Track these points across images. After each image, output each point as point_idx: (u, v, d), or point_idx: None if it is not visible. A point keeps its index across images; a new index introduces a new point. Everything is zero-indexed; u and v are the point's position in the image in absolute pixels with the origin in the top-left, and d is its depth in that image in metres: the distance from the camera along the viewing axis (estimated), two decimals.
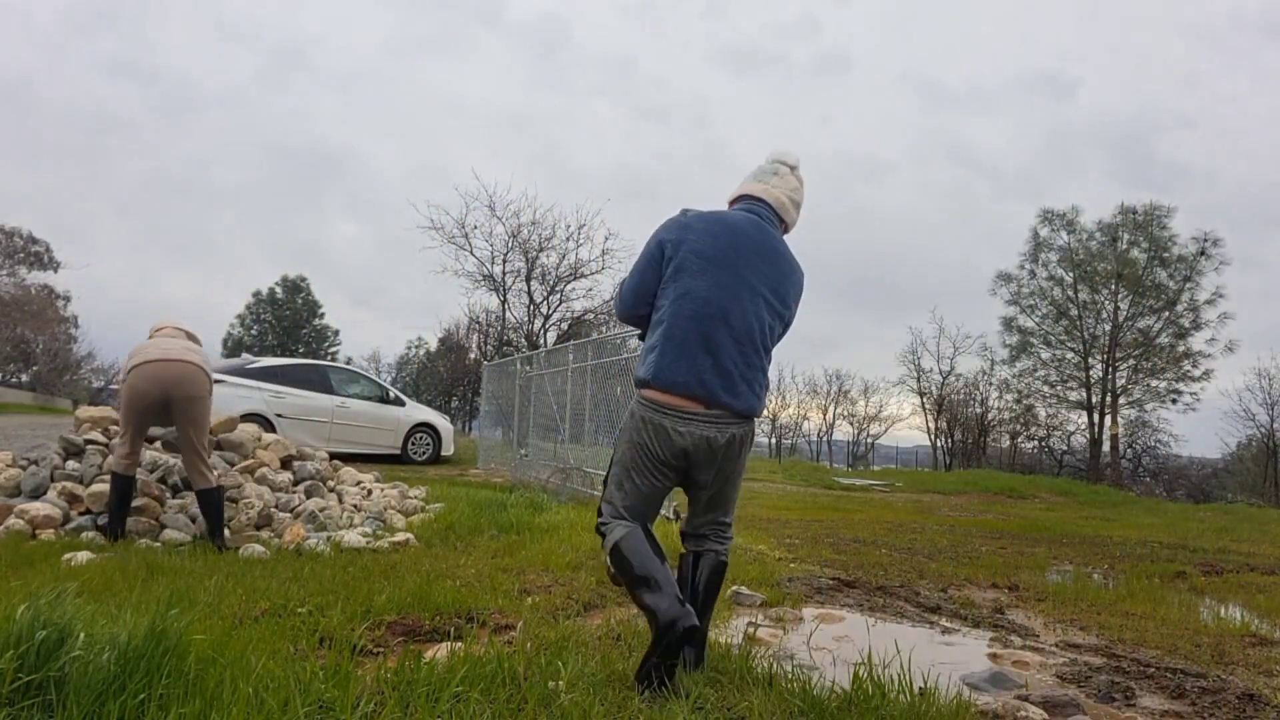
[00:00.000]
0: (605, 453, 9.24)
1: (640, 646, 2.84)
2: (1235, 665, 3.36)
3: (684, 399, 2.45)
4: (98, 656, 1.95)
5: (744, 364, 2.49)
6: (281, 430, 11.03)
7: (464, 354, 37.50)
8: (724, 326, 2.47)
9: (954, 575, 5.45)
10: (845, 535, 7.64)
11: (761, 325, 2.52)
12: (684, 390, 2.45)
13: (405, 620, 3.13)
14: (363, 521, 6.00)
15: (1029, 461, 30.47)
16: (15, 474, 5.67)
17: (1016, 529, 9.73)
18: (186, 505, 5.56)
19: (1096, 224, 25.47)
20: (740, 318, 2.48)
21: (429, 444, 13.59)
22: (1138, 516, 13.25)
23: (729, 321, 2.47)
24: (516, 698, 2.16)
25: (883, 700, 2.29)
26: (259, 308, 52.39)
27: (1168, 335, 24.53)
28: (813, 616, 3.78)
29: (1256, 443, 27.90)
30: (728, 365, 2.46)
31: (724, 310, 2.47)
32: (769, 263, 2.56)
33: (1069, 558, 6.93)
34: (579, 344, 10.85)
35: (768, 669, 2.58)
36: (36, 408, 31.61)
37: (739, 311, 2.49)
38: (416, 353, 49.19)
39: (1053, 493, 18.41)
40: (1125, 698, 2.78)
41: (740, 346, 2.48)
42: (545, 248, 24.37)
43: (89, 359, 46.23)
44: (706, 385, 2.44)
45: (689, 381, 2.44)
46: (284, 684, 2.03)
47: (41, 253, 40.27)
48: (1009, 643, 3.50)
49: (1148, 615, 4.32)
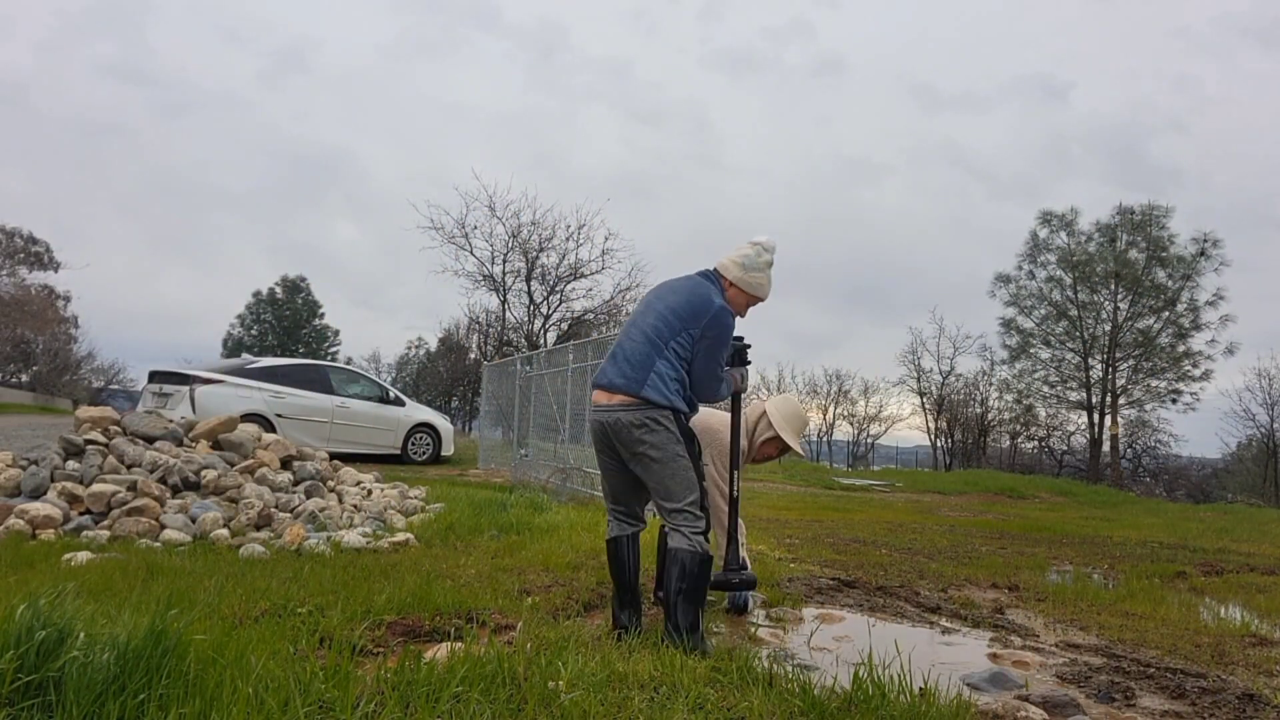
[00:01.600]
0: None
1: (640, 646, 2.85)
2: (1235, 665, 3.36)
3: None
4: (97, 656, 1.95)
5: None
6: (281, 430, 11.03)
7: (464, 354, 37.49)
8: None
9: (954, 575, 5.45)
10: (845, 535, 7.64)
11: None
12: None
13: (405, 620, 3.13)
14: (363, 522, 6.00)
15: (1029, 461, 30.47)
16: (15, 474, 5.67)
17: (1016, 529, 9.73)
18: (186, 505, 5.56)
19: (1095, 224, 25.48)
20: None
21: (429, 444, 13.59)
22: (1138, 517, 13.24)
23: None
24: (516, 698, 2.16)
25: (883, 700, 2.30)
26: (259, 308, 52.39)
27: (1167, 335, 24.52)
28: (813, 617, 3.78)
29: (1256, 443, 27.92)
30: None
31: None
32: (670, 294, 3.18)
33: (1069, 558, 6.93)
34: (579, 344, 10.85)
35: (768, 669, 2.58)
36: (36, 408, 31.62)
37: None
38: (416, 353, 49.17)
39: (1053, 493, 18.41)
40: (1125, 698, 2.78)
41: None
42: (545, 248, 24.41)
43: (89, 359, 46.27)
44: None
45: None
46: (284, 684, 2.03)
47: (41, 253, 40.26)
48: (1009, 643, 3.50)
49: (1148, 615, 4.31)
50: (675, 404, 3.03)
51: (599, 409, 3.09)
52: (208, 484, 5.83)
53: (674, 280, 3.27)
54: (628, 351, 3.08)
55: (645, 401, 2.98)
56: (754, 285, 3.24)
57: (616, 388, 3.04)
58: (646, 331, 3.08)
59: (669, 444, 2.98)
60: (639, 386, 2.98)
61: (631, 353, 3.07)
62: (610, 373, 3.10)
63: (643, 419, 2.98)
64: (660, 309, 3.11)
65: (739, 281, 3.22)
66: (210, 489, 5.82)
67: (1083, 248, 25.47)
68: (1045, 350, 26.90)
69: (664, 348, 3.03)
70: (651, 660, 2.60)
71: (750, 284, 3.23)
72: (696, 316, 3.06)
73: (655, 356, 3.02)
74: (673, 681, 2.40)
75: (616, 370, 3.08)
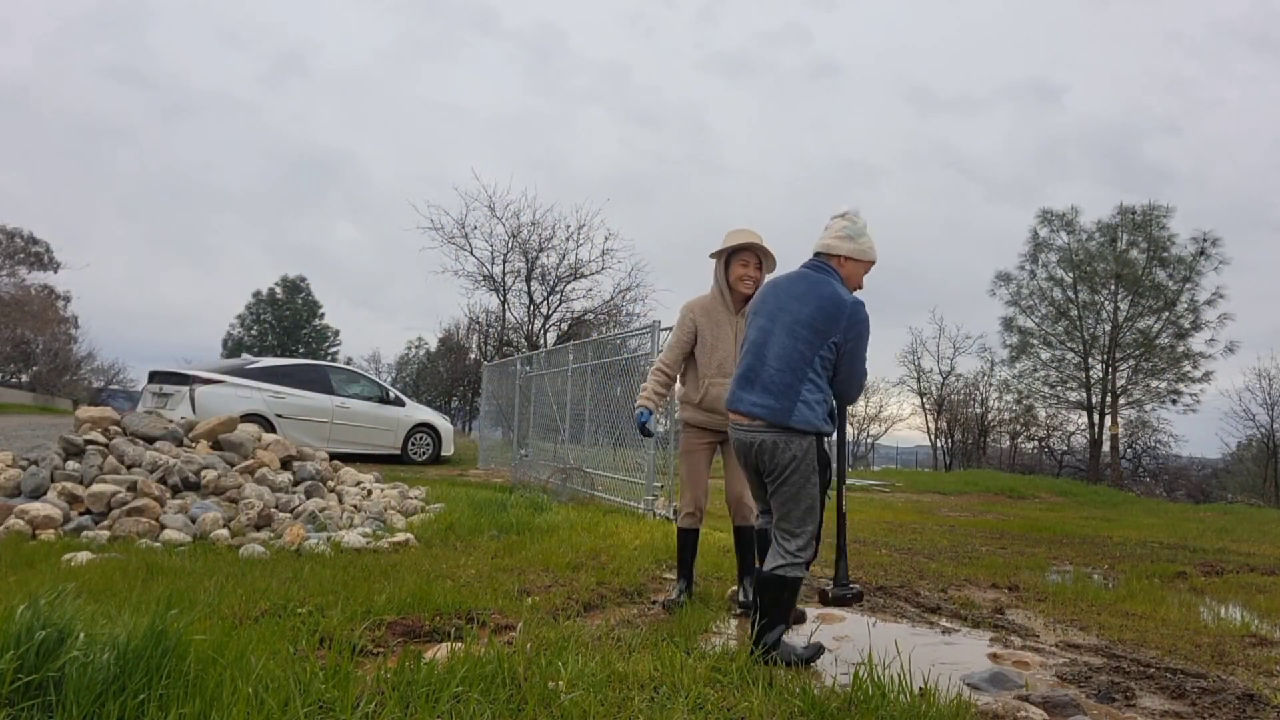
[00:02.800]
0: (605, 453, 9.24)
1: (640, 647, 2.86)
2: (1235, 665, 3.36)
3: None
4: (97, 657, 1.95)
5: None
6: (281, 430, 11.03)
7: (464, 354, 37.47)
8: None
9: (954, 575, 5.44)
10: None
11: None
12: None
13: (405, 620, 3.13)
14: (363, 522, 6.00)
15: (1029, 462, 30.45)
16: (15, 474, 5.67)
17: (1016, 529, 9.73)
18: (186, 505, 5.56)
19: (1095, 224, 25.46)
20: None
21: (429, 444, 13.59)
22: (1138, 517, 13.24)
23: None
24: (516, 698, 2.16)
25: (883, 700, 2.30)
26: (259, 308, 52.39)
27: (1168, 336, 24.51)
28: (813, 617, 3.78)
29: (1256, 443, 27.90)
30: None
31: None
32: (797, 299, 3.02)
33: (1069, 558, 6.93)
34: (579, 344, 10.85)
35: (768, 669, 2.58)
36: (36, 408, 31.62)
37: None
38: (416, 353, 49.17)
39: (1053, 493, 18.40)
40: (1125, 698, 2.78)
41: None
42: (545, 248, 24.40)
43: (89, 359, 46.27)
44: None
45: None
46: (284, 684, 2.03)
47: (41, 253, 40.25)
48: (1009, 643, 3.50)
49: (1148, 615, 4.31)
50: (821, 428, 2.96)
51: (741, 427, 3.03)
52: (208, 484, 5.83)
53: (788, 284, 3.09)
54: (765, 379, 2.96)
55: (793, 429, 2.91)
56: (866, 250, 3.14)
57: (758, 417, 2.94)
58: (784, 355, 2.94)
59: (808, 473, 2.94)
60: (786, 416, 2.90)
61: (770, 381, 2.94)
62: (748, 401, 2.98)
63: (787, 444, 2.92)
64: (790, 324, 2.96)
65: (853, 253, 3.10)
66: (210, 489, 5.82)
67: (1083, 246, 25.46)
68: (1045, 350, 26.89)
69: (806, 369, 2.92)
70: (651, 660, 2.60)
71: (863, 251, 3.13)
72: (834, 321, 2.93)
73: (799, 382, 2.91)
74: (673, 681, 2.40)
75: (755, 399, 2.96)
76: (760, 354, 3.02)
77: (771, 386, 2.94)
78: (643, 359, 7.88)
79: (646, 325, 8.07)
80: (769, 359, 2.98)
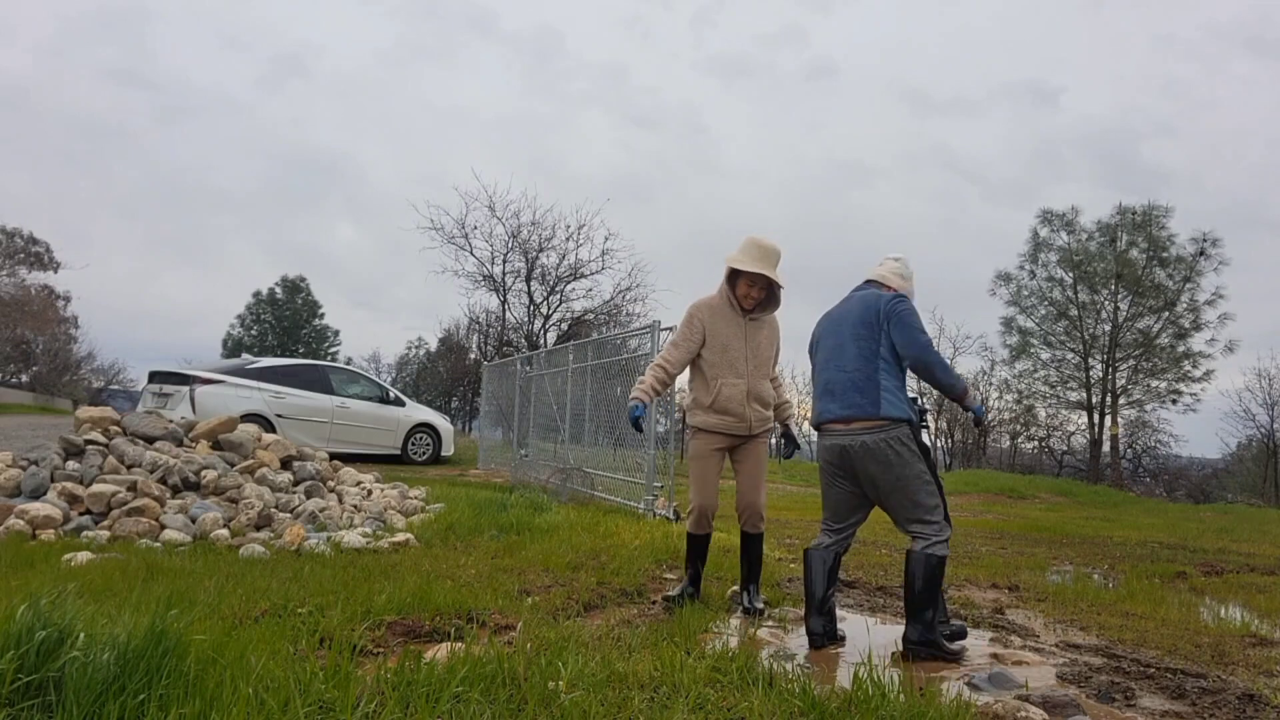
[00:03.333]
0: (605, 453, 9.24)
1: (640, 647, 2.86)
2: (1235, 665, 3.36)
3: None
4: (97, 657, 1.95)
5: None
6: (281, 430, 11.02)
7: (464, 354, 37.44)
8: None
9: (954, 575, 5.44)
10: None
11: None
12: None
13: (405, 620, 3.13)
14: (363, 522, 6.00)
15: (1029, 462, 30.42)
16: (15, 474, 5.67)
17: (1016, 529, 9.73)
18: (186, 505, 5.56)
19: (1095, 224, 25.45)
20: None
21: (429, 444, 13.59)
22: (1138, 517, 13.24)
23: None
24: (516, 698, 2.16)
25: (883, 700, 2.29)
26: (259, 308, 52.35)
27: (1168, 336, 24.50)
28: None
29: (1256, 443, 27.85)
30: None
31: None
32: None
33: (1069, 558, 6.93)
34: (579, 344, 10.85)
35: (768, 669, 2.58)
36: (36, 408, 31.61)
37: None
38: (416, 353, 49.14)
39: (1053, 493, 18.39)
40: (1125, 698, 2.78)
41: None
42: (545, 248, 24.41)
43: (89, 359, 46.23)
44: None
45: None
46: (284, 684, 2.03)
47: (41, 253, 40.23)
48: (1009, 643, 3.50)
49: (1148, 616, 4.31)
50: (910, 415, 3.18)
51: (837, 433, 3.22)
52: (208, 484, 5.83)
53: (842, 308, 3.42)
54: (846, 382, 3.21)
55: (887, 420, 3.13)
56: (910, 290, 3.48)
57: (854, 417, 3.17)
58: (855, 357, 3.21)
59: (913, 461, 3.14)
60: (876, 408, 3.14)
61: (850, 382, 3.20)
62: (835, 409, 3.23)
63: (886, 440, 3.13)
64: (851, 333, 3.26)
65: (901, 289, 3.44)
66: (210, 489, 5.82)
67: (1083, 246, 25.45)
68: (1045, 350, 26.88)
69: (878, 362, 3.19)
70: (651, 660, 2.60)
71: (910, 290, 3.48)
72: (877, 314, 3.23)
73: (876, 375, 3.17)
74: (673, 681, 2.40)
75: (844, 403, 3.20)
76: (836, 365, 3.28)
77: (855, 386, 3.19)
78: (643, 359, 7.88)
79: (646, 325, 8.07)
80: (845, 366, 3.24)
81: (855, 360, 3.21)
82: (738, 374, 3.79)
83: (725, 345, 3.83)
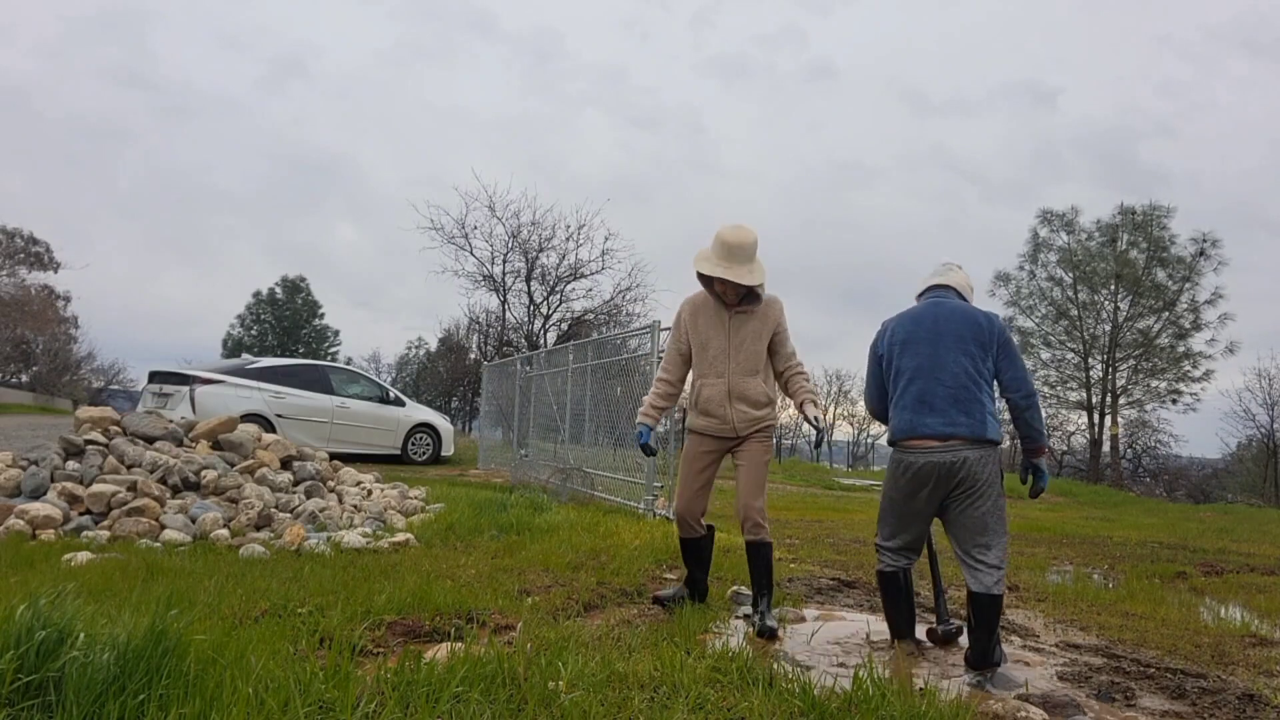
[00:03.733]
0: (605, 453, 9.23)
1: (640, 647, 2.85)
2: (1235, 665, 3.36)
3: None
4: (97, 657, 1.95)
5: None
6: (281, 430, 11.02)
7: (464, 354, 37.43)
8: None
9: (954, 576, 5.43)
10: (845, 536, 7.64)
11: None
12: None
13: (405, 620, 3.12)
14: (363, 522, 6.00)
15: None
16: (15, 474, 5.67)
17: (1016, 529, 9.73)
18: (186, 505, 5.56)
19: (1095, 224, 25.46)
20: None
21: (429, 444, 13.59)
22: (1138, 517, 13.24)
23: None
24: (516, 698, 2.16)
25: (883, 700, 2.29)
26: (259, 308, 52.35)
27: (1168, 336, 24.51)
28: (813, 617, 3.78)
29: (1256, 443, 27.85)
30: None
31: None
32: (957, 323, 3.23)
33: (1069, 558, 6.93)
34: (579, 344, 10.85)
35: (768, 669, 2.58)
36: (36, 408, 31.61)
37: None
38: (416, 353, 49.14)
39: (1053, 493, 18.39)
40: (1125, 698, 2.78)
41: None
42: (545, 248, 24.40)
43: (89, 359, 46.19)
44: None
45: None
46: (284, 684, 2.03)
47: (41, 253, 40.21)
48: (1009, 643, 3.50)
49: (1148, 615, 4.31)
50: (1001, 439, 3.19)
51: (935, 450, 3.08)
52: (208, 484, 5.83)
53: (935, 312, 3.27)
54: (949, 398, 3.10)
55: (990, 442, 3.10)
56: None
57: (955, 435, 3.07)
58: (961, 374, 3.12)
59: (998, 483, 3.11)
60: (982, 430, 3.07)
61: (954, 399, 3.10)
62: (935, 423, 3.10)
63: (985, 458, 3.08)
64: (951, 347, 3.15)
65: (970, 300, 3.46)
66: (210, 489, 5.82)
67: (1083, 246, 25.45)
68: (1045, 350, 26.90)
69: (983, 383, 3.14)
70: (651, 660, 2.60)
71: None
72: (990, 334, 3.17)
73: (982, 396, 3.13)
74: (673, 681, 2.40)
75: (945, 419, 3.09)
76: (935, 376, 3.14)
77: (957, 403, 3.09)
78: (643, 359, 7.88)
79: (646, 325, 8.06)
80: (945, 380, 3.12)
81: (961, 377, 3.10)
82: (718, 373, 3.60)
83: (705, 343, 3.64)
